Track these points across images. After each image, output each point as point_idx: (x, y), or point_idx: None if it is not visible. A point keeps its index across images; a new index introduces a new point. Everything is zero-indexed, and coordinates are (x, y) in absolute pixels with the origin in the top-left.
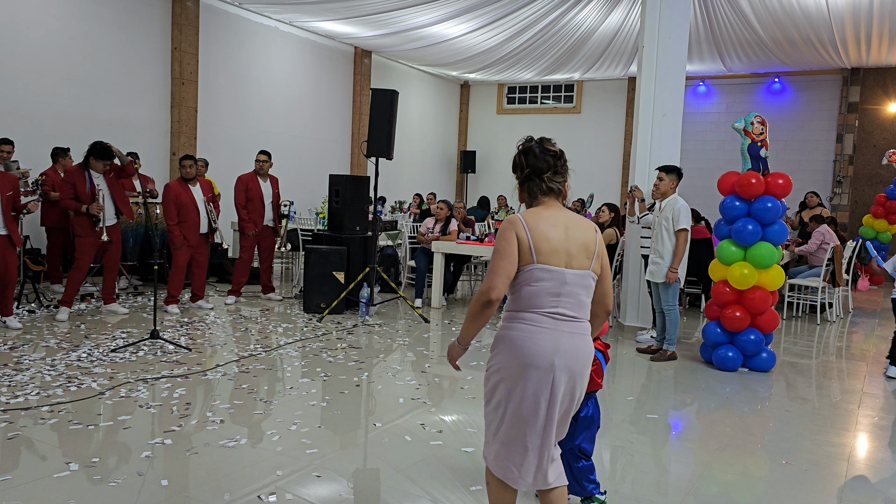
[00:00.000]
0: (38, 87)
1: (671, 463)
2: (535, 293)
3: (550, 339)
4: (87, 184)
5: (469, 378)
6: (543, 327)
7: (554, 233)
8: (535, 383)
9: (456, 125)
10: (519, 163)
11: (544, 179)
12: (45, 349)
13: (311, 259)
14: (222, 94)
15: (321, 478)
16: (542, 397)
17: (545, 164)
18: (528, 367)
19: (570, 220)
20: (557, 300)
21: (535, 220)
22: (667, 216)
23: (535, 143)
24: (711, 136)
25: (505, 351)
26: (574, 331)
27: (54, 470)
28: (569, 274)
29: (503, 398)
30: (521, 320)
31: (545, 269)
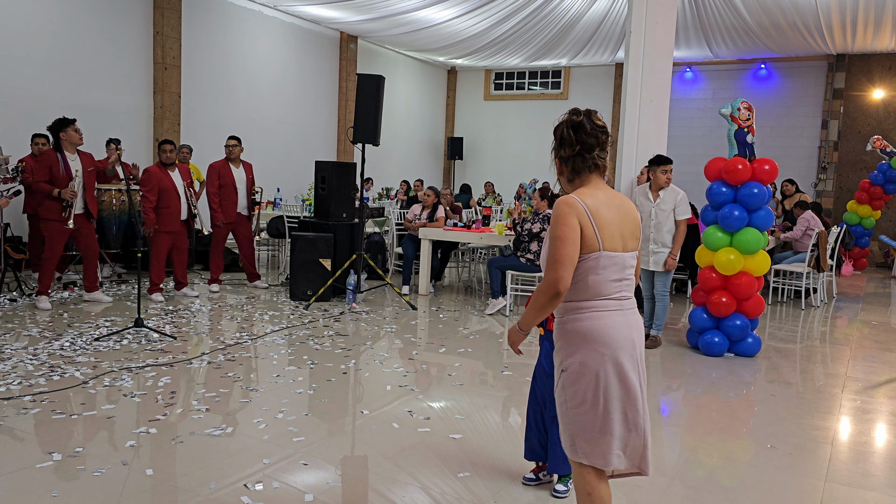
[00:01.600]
0: (18, 72)
1: (658, 447)
2: (601, 281)
3: (623, 321)
4: (60, 166)
5: (457, 365)
6: (614, 311)
7: (613, 216)
8: (626, 366)
9: (443, 111)
10: (568, 138)
11: (594, 156)
12: (28, 338)
13: (298, 246)
14: (206, 80)
15: (308, 465)
16: (636, 376)
17: (595, 139)
18: (617, 353)
19: (620, 199)
20: (620, 284)
21: (594, 202)
22: (667, 206)
23: (585, 118)
24: (698, 122)
25: (585, 345)
26: (633, 307)
27: (36, 460)
28: (627, 258)
29: (600, 392)
30: (591, 310)
31: (609, 257)
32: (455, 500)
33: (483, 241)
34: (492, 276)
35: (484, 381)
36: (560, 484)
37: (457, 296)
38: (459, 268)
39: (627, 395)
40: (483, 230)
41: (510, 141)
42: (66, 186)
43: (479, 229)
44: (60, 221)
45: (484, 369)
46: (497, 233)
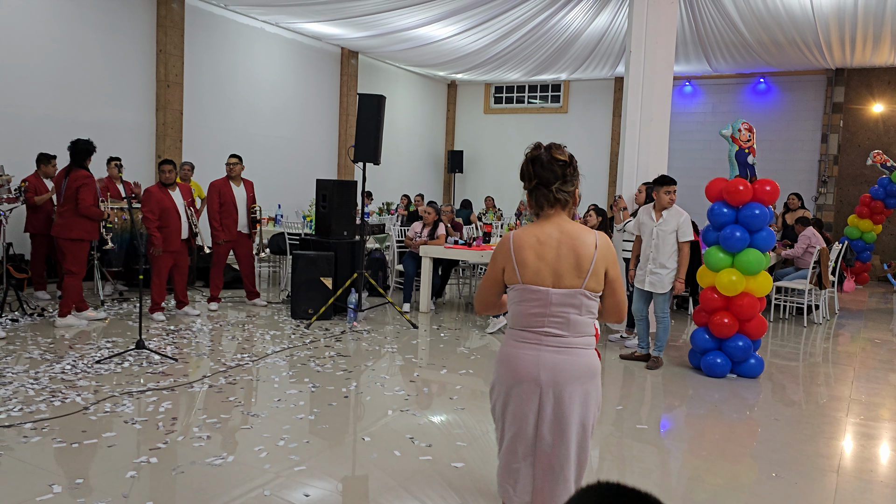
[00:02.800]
0: (20, 90)
1: (661, 469)
2: (521, 312)
3: (533, 355)
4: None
5: (458, 387)
6: (528, 343)
7: (542, 251)
8: (522, 398)
9: (443, 125)
10: (526, 172)
11: (552, 190)
12: (29, 360)
13: (299, 265)
14: (208, 97)
15: (310, 497)
16: (531, 412)
17: (552, 174)
18: (515, 383)
19: (568, 235)
20: (543, 319)
21: (524, 239)
22: (669, 227)
23: (544, 151)
24: (697, 135)
25: (498, 368)
26: (559, 346)
27: (37, 492)
28: (554, 294)
29: (500, 414)
30: (510, 337)
31: (529, 290)
32: None
33: (484, 258)
34: None
35: (486, 403)
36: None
37: (458, 313)
38: (460, 284)
39: (518, 428)
40: (484, 248)
41: (510, 154)
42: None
43: (479, 247)
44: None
45: (485, 390)
46: None
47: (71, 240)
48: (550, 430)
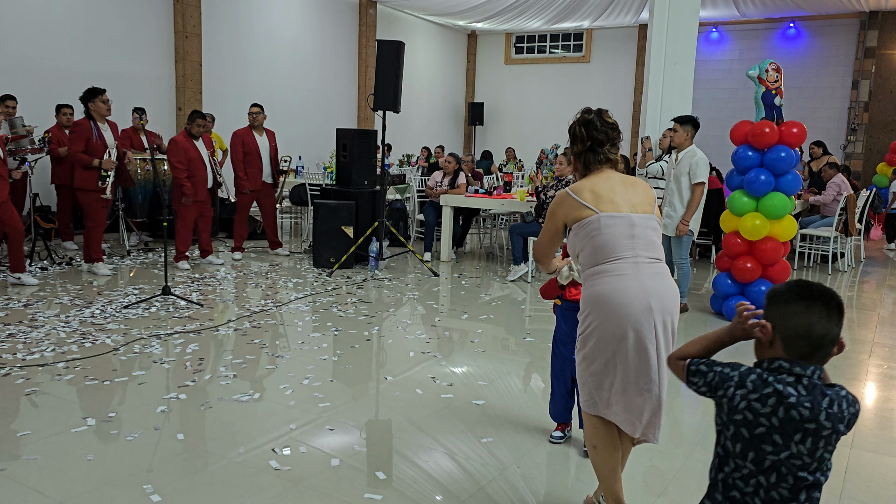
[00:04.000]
0: (40, 42)
1: (680, 414)
2: (606, 242)
3: (637, 284)
4: (94, 136)
5: (479, 331)
6: (625, 274)
7: (613, 185)
8: (636, 331)
9: (463, 76)
10: (579, 134)
11: (604, 151)
12: (59, 306)
13: (320, 214)
14: (226, 48)
15: (334, 430)
16: (649, 342)
17: (605, 136)
18: (625, 318)
19: (625, 178)
20: (632, 242)
21: (582, 186)
22: (683, 168)
23: (595, 115)
24: (723, 83)
25: (596, 309)
26: (656, 272)
27: (72, 425)
28: (636, 217)
29: (610, 356)
30: (601, 274)
31: (610, 216)
32: (479, 464)
33: (504, 207)
34: (513, 243)
35: (506, 346)
36: (558, 431)
37: (478, 262)
38: (481, 234)
39: (637, 360)
40: (504, 196)
41: (531, 106)
42: (101, 156)
43: (500, 196)
44: (97, 191)
45: (506, 335)
46: (518, 199)
47: (76, 189)
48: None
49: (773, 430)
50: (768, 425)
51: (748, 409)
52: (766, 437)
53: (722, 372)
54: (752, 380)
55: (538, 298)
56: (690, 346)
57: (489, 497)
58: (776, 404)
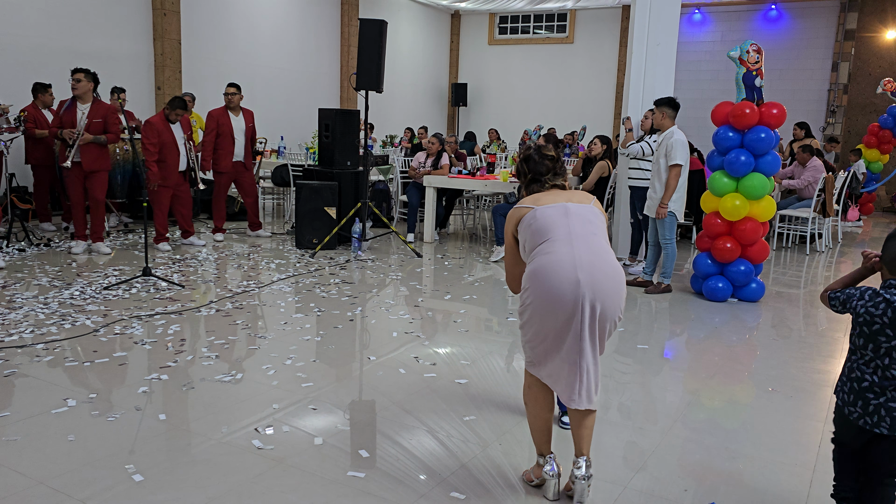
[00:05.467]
0: (14, 18)
1: (660, 391)
2: (541, 225)
3: (568, 259)
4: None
5: (462, 312)
6: (558, 250)
7: (550, 194)
8: (565, 304)
9: (447, 57)
10: (521, 169)
11: (546, 179)
12: (38, 287)
13: (303, 194)
14: (206, 26)
15: (317, 410)
16: (576, 315)
17: (545, 167)
18: (554, 290)
19: (569, 191)
20: (566, 220)
21: (525, 198)
22: (661, 150)
23: (534, 150)
24: (706, 65)
25: (531, 283)
26: (591, 247)
27: (52, 406)
28: (571, 204)
29: (540, 327)
30: (538, 253)
31: (546, 207)
32: (461, 441)
33: (488, 188)
34: (497, 224)
35: (489, 327)
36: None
37: (461, 243)
38: (464, 215)
39: (565, 331)
40: (487, 177)
41: (515, 87)
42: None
43: (483, 176)
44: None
45: (489, 316)
46: (502, 180)
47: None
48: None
49: (885, 326)
50: (881, 323)
51: (866, 313)
52: (880, 331)
53: (849, 293)
54: (869, 294)
55: None
56: (835, 283)
57: (471, 474)
58: (885, 308)
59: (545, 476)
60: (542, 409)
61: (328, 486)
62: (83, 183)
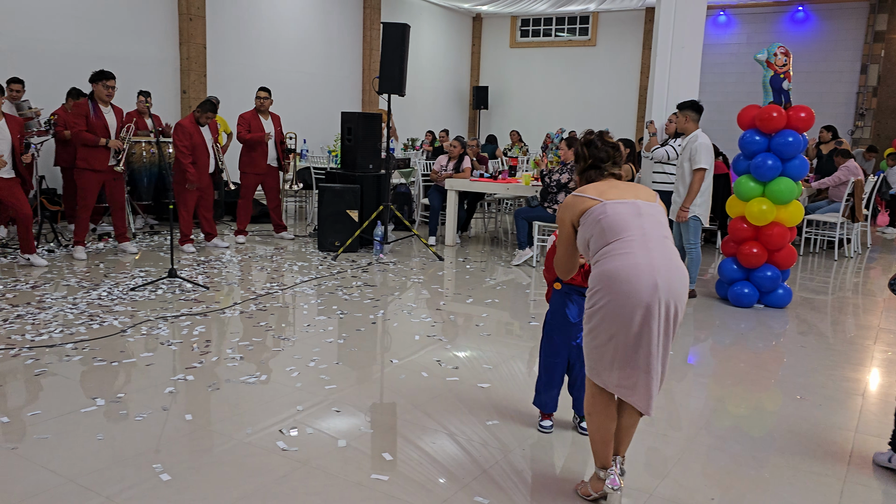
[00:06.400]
0: (45, 24)
1: (684, 397)
2: (613, 222)
3: (645, 262)
4: (91, 112)
5: (484, 315)
6: (635, 252)
7: (610, 184)
8: (642, 308)
9: (468, 60)
10: (581, 154)
11: (605, 167)
12: (66, 288)
13: (325, 198)
14: (231, 31)
15: (341, 412)
16: (653, 320)
17: (606, 154)
18: (632, 295)
19: (628, 183)
20: (640, 220)
21: (584, 187)
22: (685, 154)
23: (596, 136)
24: (731, 68)
25: (605, 286)
26: (665, 252)
27: (81, 405)
28: (641, 203)
29: (614, 332)
30: (610, 253)
31: (616, 202)
32: (482, 446)
33: (509, 191)
34: (518, 227)
35: (511, 331)
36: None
37: (483, 246)
38: (486, 218)
39: (640, 336)
40: (509, 181)
41: (536, 90)
42: (102, 135)
43: (505, 180)
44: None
45: (511, 319)
46: (524, 183)
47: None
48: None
49: None
50: None
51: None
52: None
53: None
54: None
55: (543, 283)
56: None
57: (492, 480)
58: None
59: (607, 490)
60: (609, 419)
61: (352, 488)
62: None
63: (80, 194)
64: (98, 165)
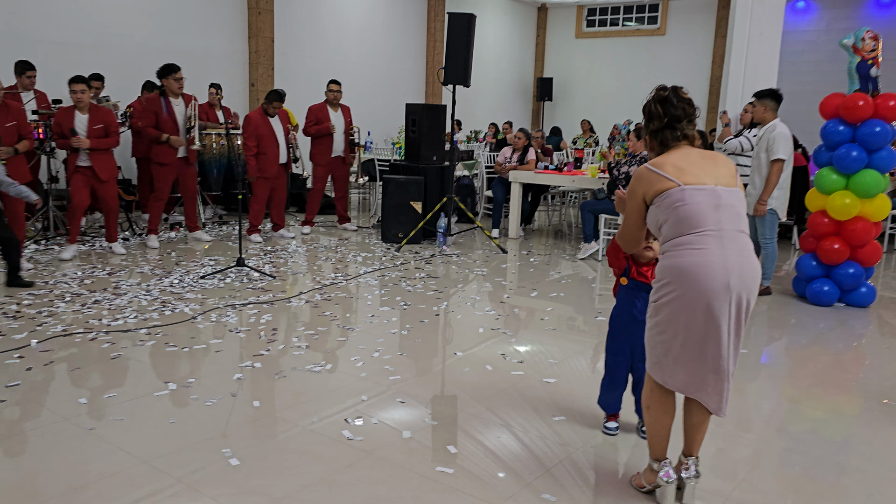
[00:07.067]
0: (119, 19)
1: (757, 398)
2: (690, 213)
3: (719, 260)
4: (163, 110)
5: (549, 309)
6: (709, 248)
7: (689, 159)
8: (712, 308)
9: (532, 51)
10: (656, 112)
11: (681, 127)
12: (140, 275)
13: (389, 189)
14: (298, 24)
15: (405, 403)
16: (723, 320)
17: (682, 112)
18: (703, 293)
19: (704, 153)
20: (717, 214)
21: (662, 160)
22: (762, 144)
23: (671, 92)
24: (807, 56)
25: (674, 280)
26: (741, 248)
27: (154, 389)
28: (721, 189)
29: (681, 328)
30: (683, 246)
31: (695, 188)
32: (545, 444)
33: (575, 184)
34: (584, 220)
35: (576, 325)
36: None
37: (547, 240)
38: (549, 211)
39: (708, 336)
40: (575, 173)
41: (603, 81)
42: (170, 130)
43: (571, 172)
44: (174, 165)
45: (576, 314)
46: (590, 175)
47: (151, 161)
48: (735, 334)
49: None
50: None
51: None
52: None
53: None
54: None
55: (609, 277)
56: None
57: (555, 479)
58: None
59: (660, 482)
60: (666, 414)
61: (416, 479)
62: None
63: (156, 185)
64: (166, 159)
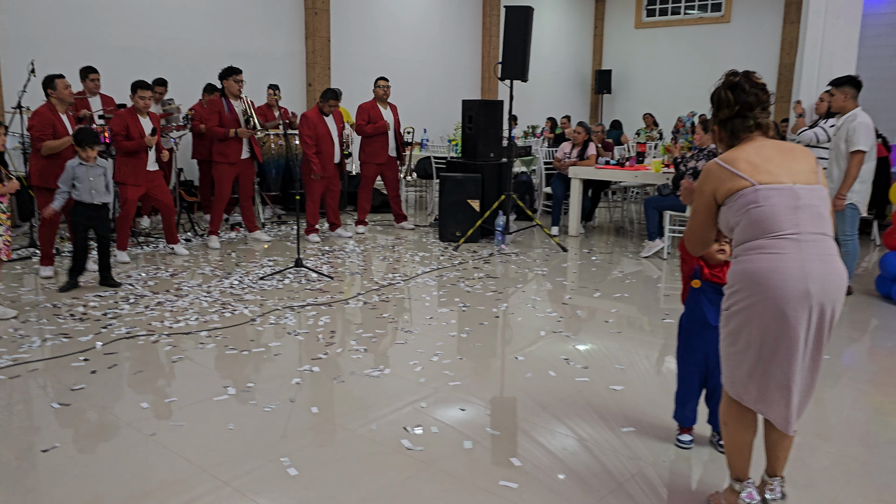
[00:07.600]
0: (182, 23)
1: (836, 405)
2: (765, 215)
3: (797, 266)
4: (225, 109)
5: (613, 311)
6: (786, 253)
7: (764, 153)
8: (788, 318)
9: (590, 43)
10: (726, 100)
11: (754, 115)
12: (202, 276)
13: (446, 187)
14: (353, 23)
15: (465, 411)
16: (800, 332)
17: (755, 98)
18: (777, 302)
19: (780, 145)
20: (795, 216)
21: (734, 155)
22: (841, 135)
23: (742, 77)
24: (887, 40)
25: (746, 287)
26: (822, 252)
27: (214, 393)
28: (800, 188)
29: (753, 339)
30: (757, 250)
31: (771, 188)
32: (615, 457)
33: (637, 179)
34: (648, 217)
35: (642, 328)
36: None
37: (608, 237)
38: (610, 208)
39: (782, 349)
40: (637, 168)
41: (663, 71)
42: (234, 127)
43: (632, 167)
44: (237, 164)
45: (641, 315)
46: (653, 170)
47: (212, 162)
48: (816, 346)
49: None
50: None
51: None
52: None
53: None
54: None
55: (675, 276)
56: None
57: (629, 495)
58: None
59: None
60: (746, 431)
61: (478, 494)
62: (234, 179)
63: (217, 186)
64: (233, 158)
